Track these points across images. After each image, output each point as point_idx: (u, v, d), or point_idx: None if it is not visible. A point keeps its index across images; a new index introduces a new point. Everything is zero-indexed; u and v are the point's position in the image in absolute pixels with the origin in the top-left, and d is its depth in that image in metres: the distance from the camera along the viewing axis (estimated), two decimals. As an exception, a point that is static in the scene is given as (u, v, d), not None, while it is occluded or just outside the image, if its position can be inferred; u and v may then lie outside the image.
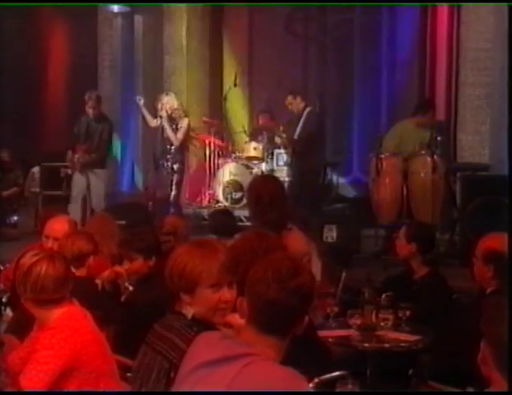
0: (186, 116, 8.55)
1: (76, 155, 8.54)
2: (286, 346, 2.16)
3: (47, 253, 3.19)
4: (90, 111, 8.62)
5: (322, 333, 3.76)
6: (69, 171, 8.82)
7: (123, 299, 4.46)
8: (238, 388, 2.01)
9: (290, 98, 9.04)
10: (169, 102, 8.39)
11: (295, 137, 8.93)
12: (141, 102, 8.66)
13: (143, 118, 8.87)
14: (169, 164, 8.37)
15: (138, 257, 4.35)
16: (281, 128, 9.45)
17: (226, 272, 2.56)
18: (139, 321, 3.34)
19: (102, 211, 7.70)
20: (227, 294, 2.55)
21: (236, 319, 2.41)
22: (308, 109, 8.95)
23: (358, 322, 4.00)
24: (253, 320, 2.14)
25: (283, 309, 2.10)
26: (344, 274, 5.26)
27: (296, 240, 4.26)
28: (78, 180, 8.59)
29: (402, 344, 3.98)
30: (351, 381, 2.97)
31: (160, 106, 8.40)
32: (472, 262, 3.95)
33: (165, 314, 2.69)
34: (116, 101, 11.31)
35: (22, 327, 3.37)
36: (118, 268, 4.42)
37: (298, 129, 8.90)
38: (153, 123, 8.64)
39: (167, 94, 8.67)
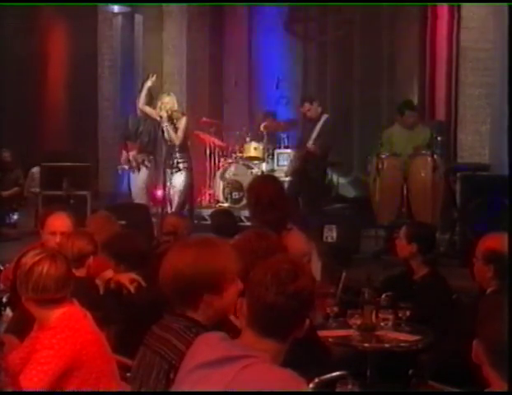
0: (184, 116, 8.56)
1: (131, 153, 8.89)
2: (285, 350, 2.15)
3: (48, 253, 3.18)
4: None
5: (322, 333, 3.76)
6: (126, 167, 9.07)
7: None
8: (236, 389, 2.01)
9: (307, 105, 8.82)
10: (169, 102, 8.40)
11: (310, 141, 8.65)
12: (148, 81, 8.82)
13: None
14: (175, 163, 8.36)
15: (111, 261, 4.39)
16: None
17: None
18: (139, 321, 3.34)
19: (104, 210, 7.69)
20: None
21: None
22: (325, 116, 8.76)
23: (358, 322, 4.00)
24: (253, 323, 2.13)
25: (282, 312, 2.09)
26: (344, 274, 5.25)
27: (296, 240, 4.26)
28: (135, 178, 8.94)
29: (402, 344, 3.98)
30: (351, 381, 2.97)
31: (159, 105, 8.41)
32: (473, 262, 3.94)
33: (164, 315, 2.68)
34: (116, 101, 11.30)
35: (22, 327, 3.36)
36: (121, 278, 4.39)
37: (314, 134, 8.62)
38: (144, 107, 8.74)
39: (168, 94, 8.68)
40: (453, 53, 9.11)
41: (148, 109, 8.72)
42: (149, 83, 8.76)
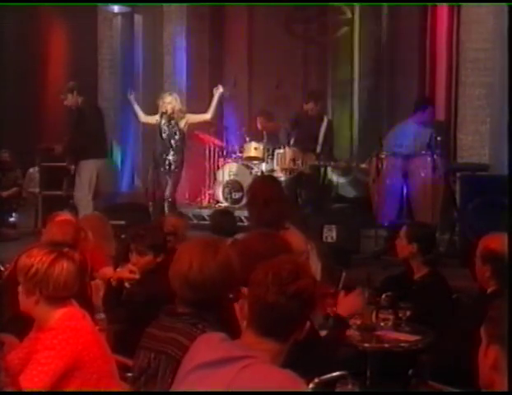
0: (185, 117, 8.56)
1: None
2: (286, 350, 2.15)
3: (60, 251, 3.15)
4: None
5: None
6: None
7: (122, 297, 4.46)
8: (236, 389, 2.01)
9: (311, 104, 8.77)
10: (171, 102, 8.41)
11: (318, 149, 8.73)
12: (132, 96, 8.83)
13: (134, 114, 8.94)
14: (167, 163, 8.39)
15: (148, 253, 4.40)
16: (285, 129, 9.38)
17: None
18: (139, 318, 3.34)
19: (96, 211, 7.64)
20: None
21: None
22: (326, 120, 8.81)
23: (358, 322, 4.00)
24: (253, 323, 2.13)
25: (282, 313, 2.09)
26: (344, 274, 5.25)
27: (293, 239, 4.25)
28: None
29: (402, 344, 3.98)
30: (351, 381, 2.97)
31: (161, 104, 8.42)
32: (474, 262, 3.94)
33: (160, 315, 2.67)
34: (116, 101, 11.30)
35: (21, 327, 3.36)
36: (120, 273, 4.39)
37: (320, 141, 8.70)
38: (145, 118, 8.75)
39: (171, 94, 8.68)
40: (453, 53, 9.09)
41: (150, 119, 8.71)
42: (132, 99, 8.79)
